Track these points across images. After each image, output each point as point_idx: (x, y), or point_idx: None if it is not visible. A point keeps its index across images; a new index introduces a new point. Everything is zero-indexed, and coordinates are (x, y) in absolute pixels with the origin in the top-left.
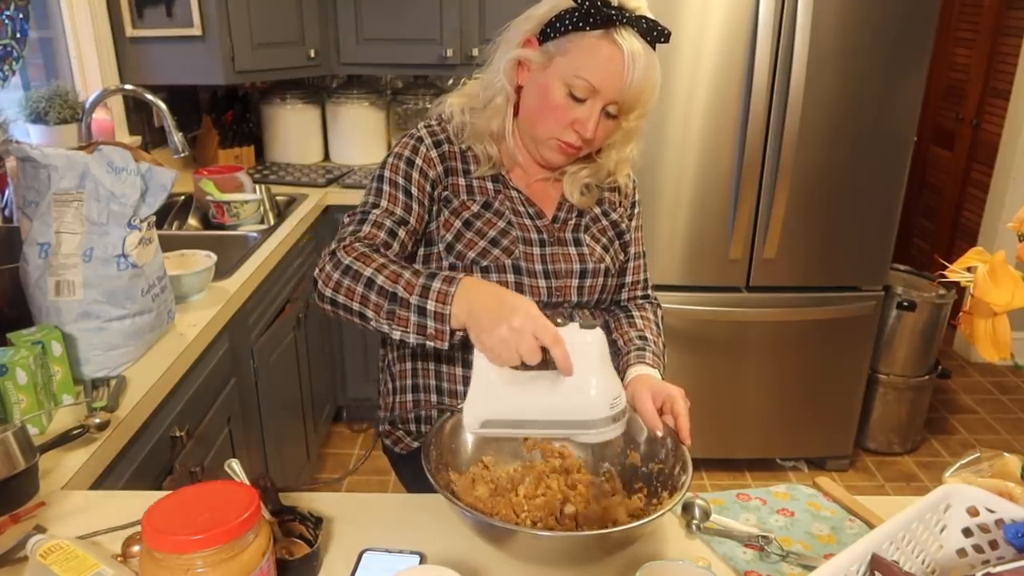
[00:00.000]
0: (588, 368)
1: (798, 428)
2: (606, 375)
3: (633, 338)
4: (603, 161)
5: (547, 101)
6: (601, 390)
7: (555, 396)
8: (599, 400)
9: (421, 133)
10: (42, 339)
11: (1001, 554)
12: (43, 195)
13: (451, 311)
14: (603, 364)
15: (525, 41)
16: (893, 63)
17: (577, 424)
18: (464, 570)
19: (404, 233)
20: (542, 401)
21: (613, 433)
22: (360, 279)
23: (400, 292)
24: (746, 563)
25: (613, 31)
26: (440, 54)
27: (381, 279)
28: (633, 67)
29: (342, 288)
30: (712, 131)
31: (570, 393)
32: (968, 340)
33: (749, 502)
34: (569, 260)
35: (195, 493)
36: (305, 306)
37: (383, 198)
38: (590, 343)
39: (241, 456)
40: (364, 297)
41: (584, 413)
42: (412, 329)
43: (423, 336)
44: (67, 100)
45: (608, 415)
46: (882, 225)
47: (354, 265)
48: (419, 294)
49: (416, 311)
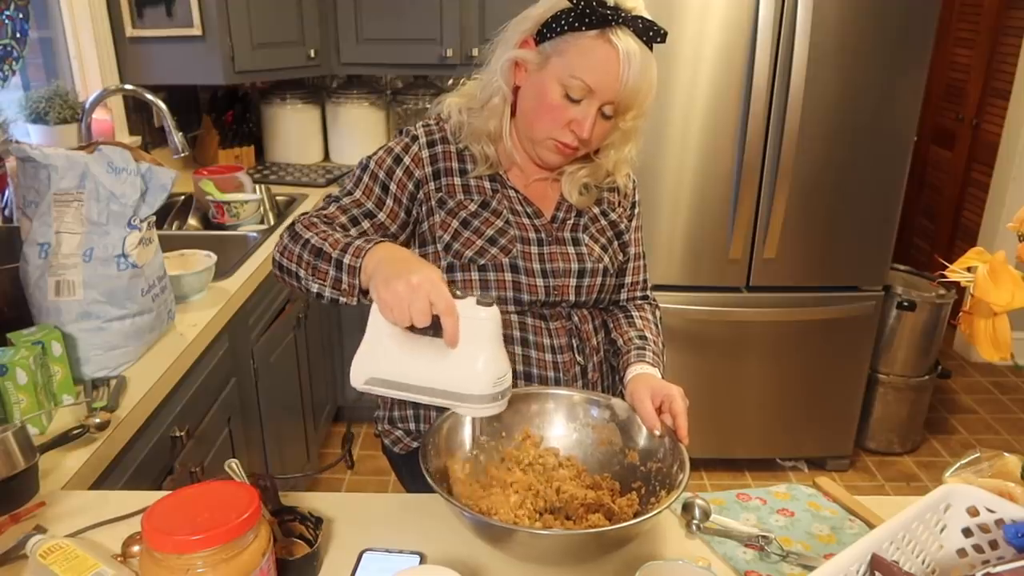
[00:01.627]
0: (478, 344)
1: (798, 428)
2: (495, 353)
3: (633, 337)
4: (601, 161)
5: (544, 101)
6: (487, 367)
7: (441, 365)
8: (484, 376)
9: (417, 132)
10: (42, 339)
11: (1001, 554)
12: (43, 195)
13: (362, 263)
14: (494, 342)
15: (522, 42)
16: (893, 63)
17: (458, 396)
18: (464, 570)
19: (368, 224)
20: (428, 367)
21: (491, 411)
22: (299, 241)
23: (326, 248)
24: (746, 563)
25: (609, 31)
26: (440, 54)
27: (316, 239)
28: (629, 67)
29: (286, 252)
30: (712, 131)
31: (456, 364)
32: (968, 340)
33: (749, 502)
34: (567, 259)
35: (195, 493)
36: (305, 306)
37: (359, 188)
38: (483, 319)
39: (241, 456)
40: (299, 257)
41: (466, 387)
42: (328, 283)
43: (337, 291)
44: (67, 100)
45: (489, 392)
46: (882, 225)
47: (301, 232)
48: (340, 249)
49: (334, 265)
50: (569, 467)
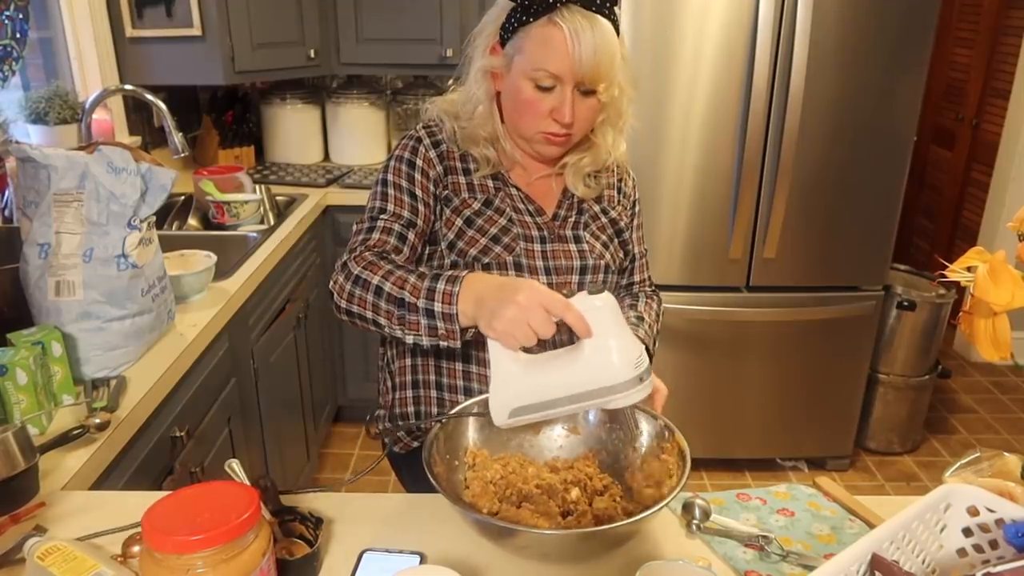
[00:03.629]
0: (604, 332)
1: (798, 428)
2: (624, 336)
3: (631, 316)
4: (599, 141)
5: (520, 100)
6: (622, 352)
7: (577, 368)
8: (621, 362)
9: (420, 134)
10: (42, 339)
11: (1001, 554)
12: (43, 195)
13: (458, 309)
14: (619, 326)
15: (490, 49)
16: (893, 63)
17: (604, 391)
18: (464, 570)
19: (413, 235)
20: (565, 376)
21: (641, 394)
22: (369, 288)
23: (407, 297)
24: (746, 563)
25: (555, 15)
26: (440, 54)
27: (388, 286)
28: (578, 43)
29: (355, 299)
30: (712, 131)
31: (592, 361)
32: (968, 340)
33: (749, 502)
34: (569, 257)
35: (195, 493)
36: (305, 306)
37: (389, 202)
38: (600, 307)
39: (241, 456)
40: (375, 305)
41: (609, 378)
42: (424, 332)
43: (435, 337)
44: (67, 100)
45: (634, 376)
46: (882, 225)
47: (363, 275)
48: (425, 297)
49: (425, 314)
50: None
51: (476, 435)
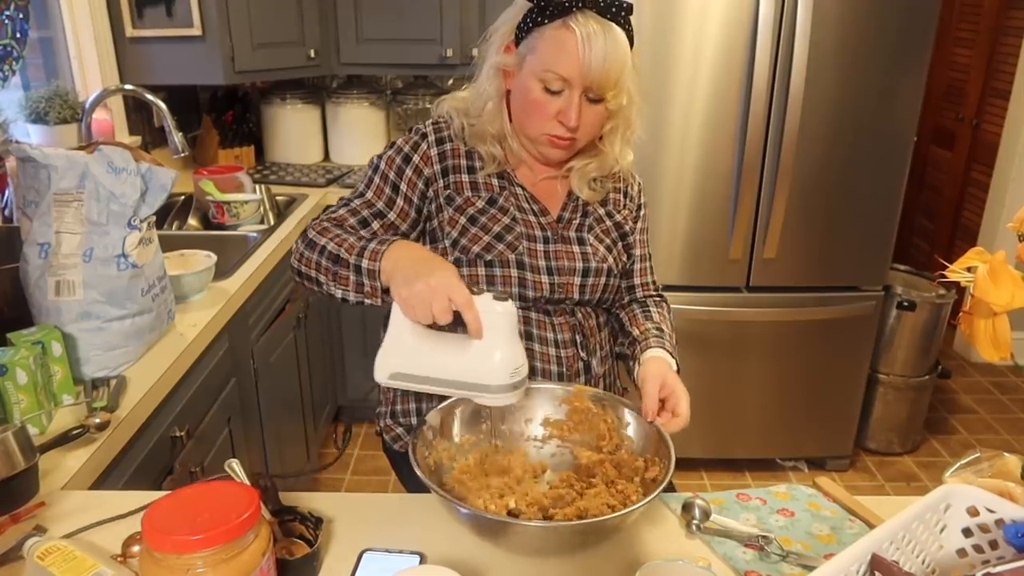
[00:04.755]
0: (495, 336)
1: (798, 428)
2: (512, 345)
3: (650, 328)
4: (606, 150)
5: (528, 100)
6: (504, 358)
7: (460, 357)
8: (501, 367)
9: (427, 130)
10: (42, 339)
11: (1001, 554)
12: (43, 195)
13: (380, 266)
14: (510, 335)
15: (504, 48)
16: (893, 63)
17: (477, 387)
18: (464, 570)
19: (378, 225)
20: (449, 360)
21: (509, 400)
22: (315, 248)
23: (342, 254)
24: (746, 563)
25: (569, 19)
26: (440, 54)
27: (332, 245)
28: (590, 49)
29: (303, 259)
30: (712, 131)
31: (475, 356)
32: (968, 340)
33: (749, 502)
34: (572, 258)
35: (195, 493)
36: (305, 306)
37: (369, 189)
38: (500, 314)
39: (241, 456)
40: (318, 263)
41: (485, 377)
42: (352, 288)
43: (360, 294)
44: (67, 100)
45: (507, 383)
46: (882, 225)
47: (316, 239)
48: (356, 253)
49: (354, 269)
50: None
51: (461, 429)
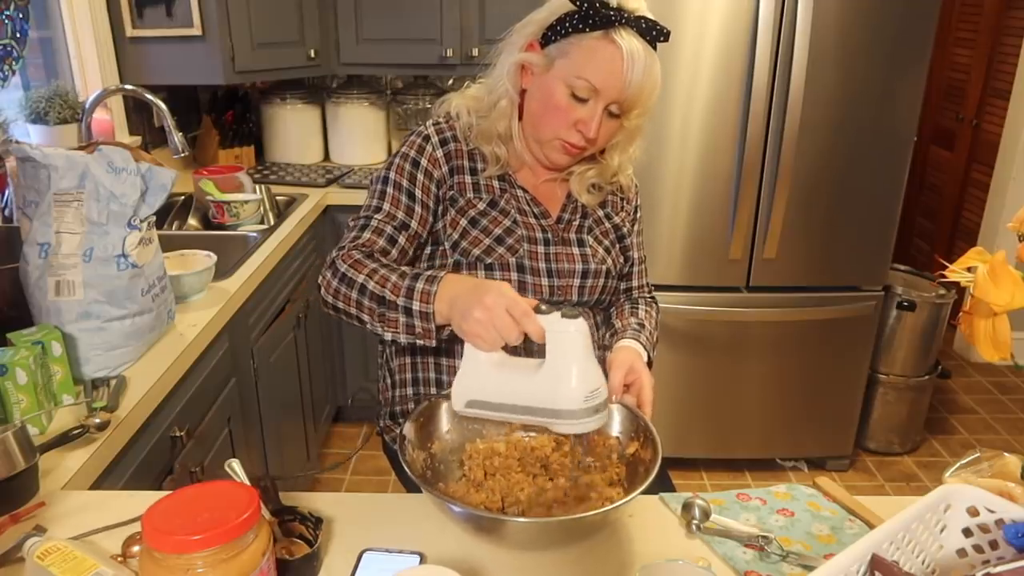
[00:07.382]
0: (567, 357)
1: (798, 428)
2: (586, 366)
3: (632, 323)
4: (608, 161)
5: (550, 102)
6: (578, 380)
7: (533, 382)
8: (575, 390)
9: (428, 131)
10: (42, 339)
11: (1001, 554)
12: (43, 195)
13: (434, 308)
14: (585, 355)
15: (527, 45)
16: (893, 63)
17: (552, 412)
18: (464, 570)
19: (404, 238)
20: (523, 386)
21: (588, 426)
22: (354, 286)
23: (388, 295)
24: (746, 563)
25: (612, 32)
26: (440, 54)
27: (372, 284)
28: (633, 66)
29: (340, 295)
30: (712, 131)
31: (547, 380)
32: (968, 340)
33: (749, 502)
34: (572, 260)
35: (195, 493)
36: (305, 306)
37: (386, 201)
38: (572, 332)
39: (241, 456)
40: (358, 303)
41: (559, 402)
42: (402, 330)
43: (412, 335)
44: (67, 100)
45: (583, 407)
46: (882, 225)
47: (349, 272)
48: (404, 295)
49: (403, 312)
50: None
51: (449, 424)
